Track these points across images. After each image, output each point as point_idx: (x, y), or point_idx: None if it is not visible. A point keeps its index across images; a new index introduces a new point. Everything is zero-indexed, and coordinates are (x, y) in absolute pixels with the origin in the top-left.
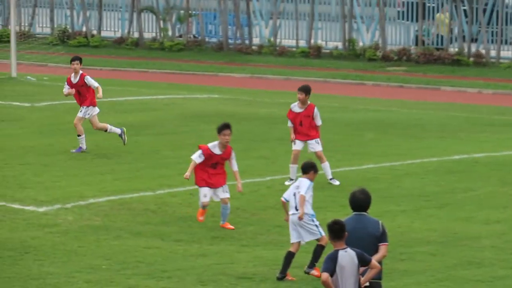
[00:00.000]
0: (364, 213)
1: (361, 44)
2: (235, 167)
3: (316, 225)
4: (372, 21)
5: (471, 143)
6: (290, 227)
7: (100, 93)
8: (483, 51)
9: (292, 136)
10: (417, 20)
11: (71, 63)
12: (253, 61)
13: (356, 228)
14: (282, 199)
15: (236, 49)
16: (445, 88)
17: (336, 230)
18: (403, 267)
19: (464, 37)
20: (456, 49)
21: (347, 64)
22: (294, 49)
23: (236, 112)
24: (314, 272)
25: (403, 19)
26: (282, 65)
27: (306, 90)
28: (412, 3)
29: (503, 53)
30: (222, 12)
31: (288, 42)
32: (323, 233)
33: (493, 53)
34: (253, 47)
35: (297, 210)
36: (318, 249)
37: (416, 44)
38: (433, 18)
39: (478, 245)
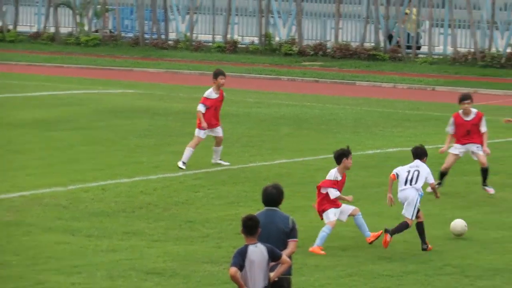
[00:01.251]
0: (275, 208)
1: (277, 39)
2: None
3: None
4: (289, 16)
5: (384, 138)
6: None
7: None
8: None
9: (204, 124)
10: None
11: None
12: (169, 56)
13: (266, 223)
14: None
15: (152, 44)
16: (360, 83)
17: (249, 226)
18: (314, 262)
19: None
20: (372, 44)
21: (263, 59)
22: (210, 44)
23: (151, 107)
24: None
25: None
26: (198, 60)
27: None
28: None
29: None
30: (139, 7)
31: (204, 37)
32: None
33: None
34: (169, 42)
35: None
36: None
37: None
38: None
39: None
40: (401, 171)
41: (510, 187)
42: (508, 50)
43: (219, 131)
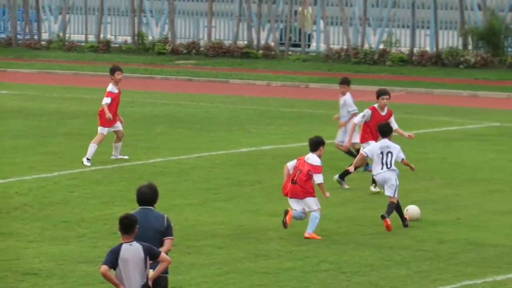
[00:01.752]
0: (150, 207)
1: (150, 38)
2: None
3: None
4: (162, 15)
5: (259, 135)
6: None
7: None
8: (272, 44)
9: (108, 114)
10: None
11: None
12: (41, 56)
13: (141, 223)
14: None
15: (25, 44)
16: (234, 81)
17: (126, 224)
18: (190, 260)
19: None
20: (245, 42)
21: (137, 58)
22: (83, 44)
23: (24, 107)
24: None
25: None
26: (71, 60)
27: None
28: None
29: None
30: (11, 7)
31: (77, 37)
32: None
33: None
34: (42, 43)
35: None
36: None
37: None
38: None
39: (265, 237)
40: (373, 152)
41: None
42: (381, 47)
43: (119, 126)
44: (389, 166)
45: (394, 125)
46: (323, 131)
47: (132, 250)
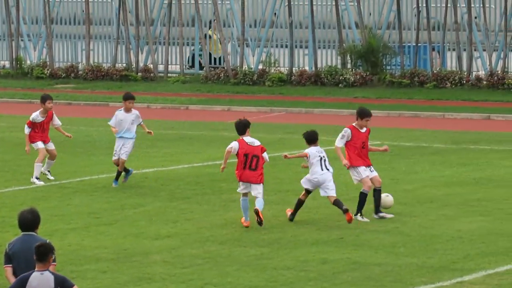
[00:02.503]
0: (32, 233)
1: (28, 62)
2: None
3: None
4: (39, 39)
5: (140, 158)
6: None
7: None
8: (151, 66)
9: (27, 148)
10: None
11: None
12: None
13: (23, 249)
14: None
15: None
16: (113, 104)
17: (41, 252)
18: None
19: (132, 51)
20: (124, 65)
21: (15, 83)
22: None
23: None
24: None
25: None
26: None
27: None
28: None
29: (171, 68)
30: None
31: None
32: None
33: (161, 67)
34: None
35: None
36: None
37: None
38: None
39: (149, 261)
40: (313, 155)
41: (268, 204)
42: (260, 67)
43: (51, 146)
44: (328, 168)
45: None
46: (203, 153)
47: (42, 280)
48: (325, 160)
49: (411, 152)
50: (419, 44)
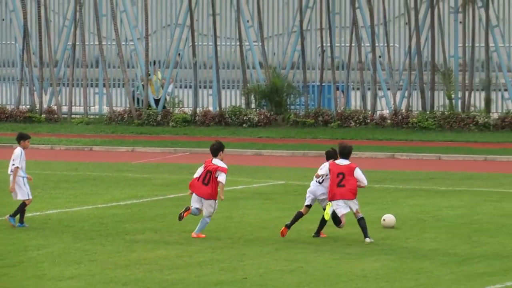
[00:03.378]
0: None
1: None
2: None
3: None
4: None
5: (44, 200)
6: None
7: None
8: (55, 107)
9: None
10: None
11: None
12: None
13: None
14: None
15: None
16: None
17: None
18: None
19: (35, 93)
20: (28, 106)
21: None
22: None
23: None
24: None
25: None
26: None
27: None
28: None
29: (75, 109)
30: None
31: None
32: None
33: (65, 109)
34: None
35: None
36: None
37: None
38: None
39: None
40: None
41: (167, 244)
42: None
43: None
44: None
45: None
46: (107, 194)
47: None
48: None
49: None
50: (323, 84)
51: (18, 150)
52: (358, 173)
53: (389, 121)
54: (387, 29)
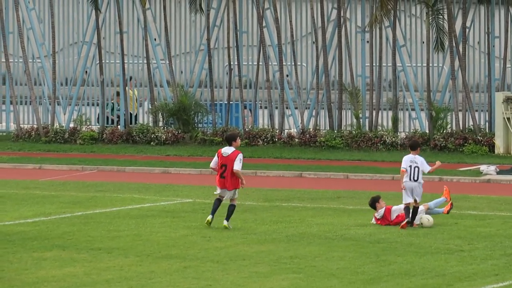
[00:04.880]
0: None
1: None
2: None
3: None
4: None
5: None
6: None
7: None
8: None
9: None
10: None
11: None
12: None
13: None
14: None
15: None
16: None
17: None
18: None
19: None
20: None
21: None
22: None
23: None
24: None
25: None
26: None
27: None
28: None
29: None
30: None
31: None
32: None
33: None
34: None
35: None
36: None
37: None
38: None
39: None
40: (405, 161)
41: (75, 261)
42: (71, 125)
43: None
44: (415, 178)
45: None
46: (15, 211)
47: None
48: (415, 169)
49: (223, 210)
50: (231, 102)
51: None
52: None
53: (296, 140)
54: (295, 48)
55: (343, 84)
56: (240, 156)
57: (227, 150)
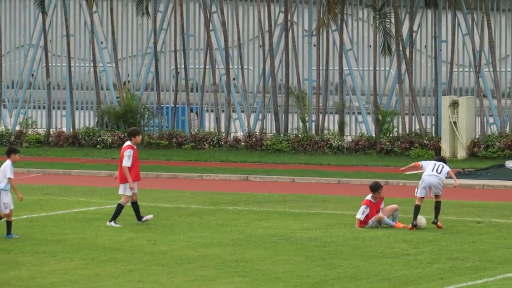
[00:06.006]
0: None
1: None
2: None
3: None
4: None
5: None
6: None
7: None
8: None
9: None
10: None
11: None
12: None
13: None
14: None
15: None
16: None
17: None
18: None
19: None
20: None
21: None
22: None
23: None
24: (439, 223)
25: None
26: None
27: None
28: None
29: None
30: None
31: None
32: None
33: None
34: None
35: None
36: (437, 205)
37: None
38: None
39: None
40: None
41: (20, 265)
42: (17, 128)
43: None
44: (438, 172)
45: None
46: None
47: None
48: (438, 166)
49: (169, 213)
50: (177, 105)
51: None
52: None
53: (243, 143)
54: (242, 51)
55: (289, 87)
56: (127, 152)
57: (125, 143)
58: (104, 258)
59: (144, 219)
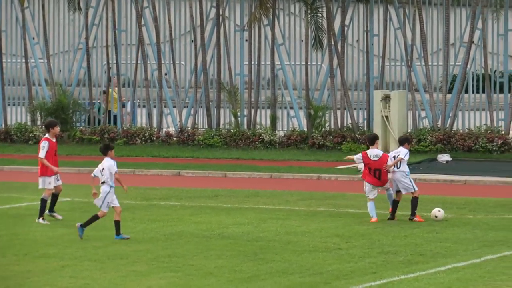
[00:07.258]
0: None
1: None
2: None
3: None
4: None
5: None
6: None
7: None
8: None
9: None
10: None
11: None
12: None
13: None
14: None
15: None
16: None
17: None
18: None
19: None
20: None
21: None
22: None
23: None
24: (416, 218)
25: None
26: None
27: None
28: None
29: None
30: None
31: None
32: (416, 188)
33: None
34: None
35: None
36: (414, 200)
37: None
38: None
39: None
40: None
41: None
42: None
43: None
44: (398, 167)
45: None
46: None
47: None
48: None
49: None
50: (109, 101)
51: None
52: None
53: (175, 138)
54: (173, 46)
55: (221, 82)
56: (42, 143)
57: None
58: (36, 254)
59: (55, 214)
